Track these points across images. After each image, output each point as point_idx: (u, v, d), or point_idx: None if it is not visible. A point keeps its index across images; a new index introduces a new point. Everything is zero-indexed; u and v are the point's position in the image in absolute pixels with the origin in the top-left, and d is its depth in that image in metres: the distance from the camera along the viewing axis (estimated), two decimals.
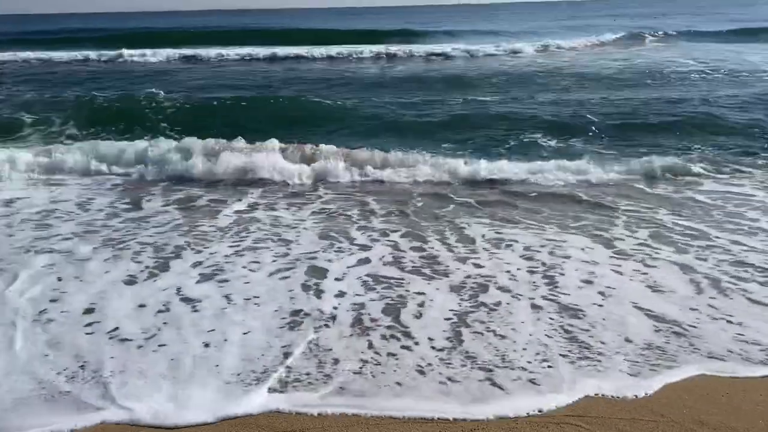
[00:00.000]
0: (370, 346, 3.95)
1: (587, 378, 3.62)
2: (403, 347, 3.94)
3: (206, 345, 3.99)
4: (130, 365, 3.79)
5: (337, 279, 5.02)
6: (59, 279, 5.09)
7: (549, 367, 3.72)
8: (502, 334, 4.08)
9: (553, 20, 54.53)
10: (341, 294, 4.75)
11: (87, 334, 4.18)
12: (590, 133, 10.33)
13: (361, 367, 3.71)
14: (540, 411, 3.34)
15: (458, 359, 3.79)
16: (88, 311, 4.52)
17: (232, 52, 26.32)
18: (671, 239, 5.74)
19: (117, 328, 4.24)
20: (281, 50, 25.94)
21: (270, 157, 8.52)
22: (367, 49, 26.08)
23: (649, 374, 3.66)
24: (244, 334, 4.13)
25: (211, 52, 26.18)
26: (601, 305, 4.46)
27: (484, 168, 8.10)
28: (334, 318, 4.35)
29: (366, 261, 5.41)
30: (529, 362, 3.76)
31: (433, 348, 3.91)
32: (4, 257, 5.58)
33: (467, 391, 3.49)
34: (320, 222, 6.47)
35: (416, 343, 3.97)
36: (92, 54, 26.77)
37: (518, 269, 5.16)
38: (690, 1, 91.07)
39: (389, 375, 3.63)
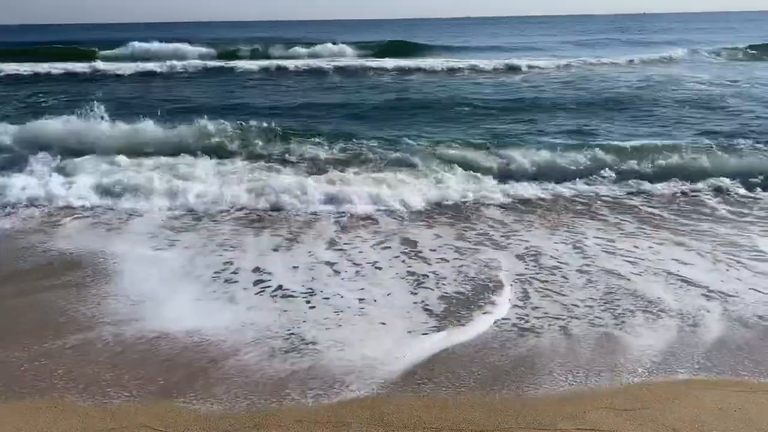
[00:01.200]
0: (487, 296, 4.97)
1: (654, 331, 4.40)
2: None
3: (361, 300, 4.94)
4: (305, 318, 4.67)
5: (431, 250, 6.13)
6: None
7: (622, 322, 4.54)
8: (564, 293, 5.08)
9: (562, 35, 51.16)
10: (443, 260, 5.84)
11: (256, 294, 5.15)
12: None
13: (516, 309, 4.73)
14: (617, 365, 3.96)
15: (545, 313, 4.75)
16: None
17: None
18: None
19: (281, 286, 5.26)
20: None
21: None
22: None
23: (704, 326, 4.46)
24: (388, 295, 5.07)
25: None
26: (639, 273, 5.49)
27: None
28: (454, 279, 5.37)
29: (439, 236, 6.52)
30: (599, 317, 4.65)
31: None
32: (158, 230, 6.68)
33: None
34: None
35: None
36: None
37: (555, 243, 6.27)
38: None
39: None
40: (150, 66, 23.65)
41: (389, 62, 24.41)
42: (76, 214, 7.32)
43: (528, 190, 8.22)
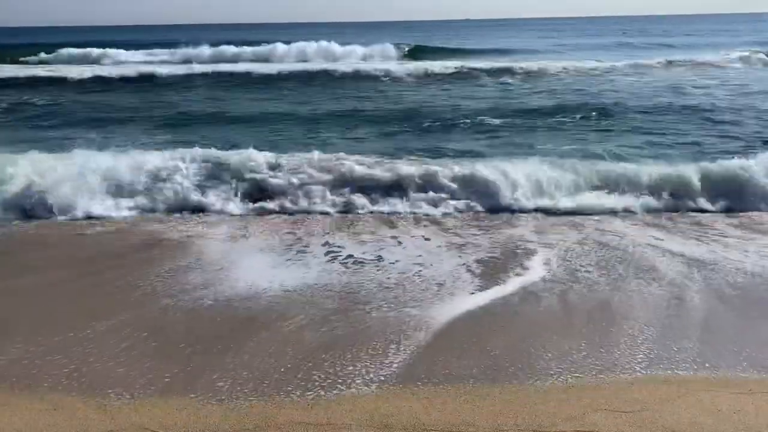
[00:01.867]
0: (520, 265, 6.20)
1: (651, 296, 5.39)
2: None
3: (421, 264, 6.11)
4: (394, 282, 5.72)
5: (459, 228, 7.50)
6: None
7: (619, 287, 5.61)
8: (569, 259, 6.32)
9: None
10: (477, 234, 7.21)
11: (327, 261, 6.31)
12: None
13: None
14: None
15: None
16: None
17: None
18: None
19: (351, 255, 6.53)
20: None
21: None
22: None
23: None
24: (439, 262, 6.29)
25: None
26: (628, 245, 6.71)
27: None
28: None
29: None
30: (597, 283, 5.74)
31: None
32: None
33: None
34: None
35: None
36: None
37: (553, 225, 7.58)
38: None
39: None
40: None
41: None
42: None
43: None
